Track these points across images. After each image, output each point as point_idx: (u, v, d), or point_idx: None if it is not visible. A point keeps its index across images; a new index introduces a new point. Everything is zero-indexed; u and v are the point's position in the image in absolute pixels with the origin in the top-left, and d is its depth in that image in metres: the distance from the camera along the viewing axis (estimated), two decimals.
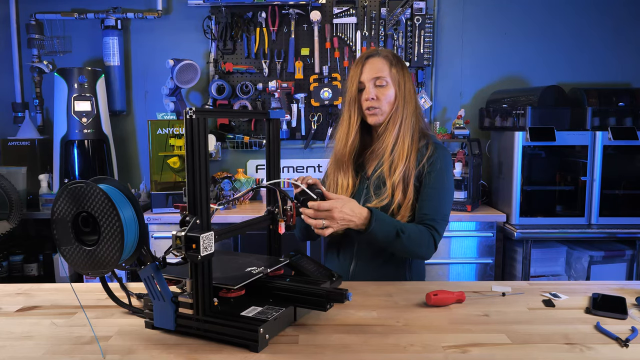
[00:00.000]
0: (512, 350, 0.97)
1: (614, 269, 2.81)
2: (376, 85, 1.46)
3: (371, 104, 1.45)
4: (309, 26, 3.17)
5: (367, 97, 1.46)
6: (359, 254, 1.49)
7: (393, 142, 1.45)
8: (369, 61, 1.48)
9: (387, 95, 1.46)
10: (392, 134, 1.45)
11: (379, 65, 1.46)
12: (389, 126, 1.47)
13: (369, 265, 1.48)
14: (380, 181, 1.46)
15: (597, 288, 1.32)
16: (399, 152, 1.44)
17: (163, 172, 2.76)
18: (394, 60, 1.48)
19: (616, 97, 2.92)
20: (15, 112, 3.23)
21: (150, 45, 3.26)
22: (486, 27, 3.24)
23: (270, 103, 3.20)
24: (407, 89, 1.48)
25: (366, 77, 1.46)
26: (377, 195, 1.45)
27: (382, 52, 1.49)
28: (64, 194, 0.93)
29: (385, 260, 1.47)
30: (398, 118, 1.46)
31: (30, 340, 1.02)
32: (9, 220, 2.69)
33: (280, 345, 0.98)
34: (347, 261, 1.51)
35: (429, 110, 3.27)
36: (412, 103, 1.49)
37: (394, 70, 1.47)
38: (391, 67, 1.47)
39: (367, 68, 1.47)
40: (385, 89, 1.46)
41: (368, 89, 1.46)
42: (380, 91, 1.46)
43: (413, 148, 1.45)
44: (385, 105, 1.46)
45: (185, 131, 0.96)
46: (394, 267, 1.48)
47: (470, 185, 2.80)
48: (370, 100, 1.45)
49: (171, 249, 0.96)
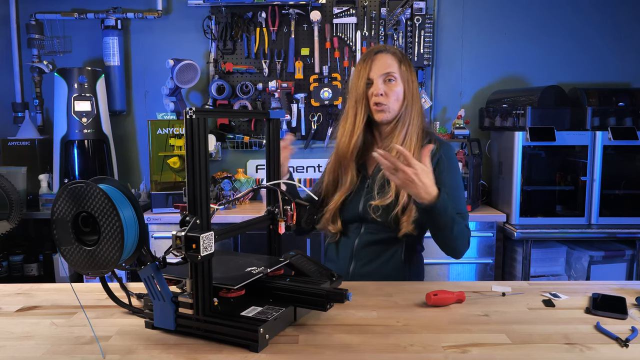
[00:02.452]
0: (512, 350, 0.97)
1: (614, 269, 2.81)
2: (385, 82, 1.43)
3: (380, 100, 1.42)
4: (309, 26, 3.17)
5: (376, 92, 1.42)
6: (358, 254, 1.49)
7: (401, 142, 1.43)
8: (378, 57, 1.44)
9: (395, 92, 1.43)
10: (401, 133, 1.43)
11: (389, 61, 1.43)
12: (398, 126, 1.44)
13: (368, 266, 1.47)
14: (385, 180, 1.43)
15: (597, 288, 1.32)
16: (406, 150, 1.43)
17: (163, 172, 2.76)
18: (402, 57, 1.46)
19: (616, 97, 2.92)
20: (15, 112, 3.23)
21: (150, 45, 3.26)
22: (486, 27, 3.24)
23: (270, 103, 3.20)
24: (414, 87, 1.46)
25: (375, 72, 1.43)
26: (380, 195, 1.42)
27: (390, 48, 1.47)
28: (64, 194, 0.93)
29: (384, 261, 1.47)
30: (407, 118, 1.44)
31: (30, 340, 1.02)
32: (9, 220, 2.69)
33: (280, 345, 0.98)
34: (347, 262, 1.50)
35: (429, 110, 3.27)
36: (418, 102, 1.47)
37: (404, 67, 1.44)
38: (400, 64, 1.44)
39: (377, 64, 1.43)
40: (394, 85, 1.43)
41: (377, 84, 1.42)
42: (389, 87, 1.43)
43: (418, 147, 1.43)
44: (394, 102, 1.43)
45: (185, 131, 0.96)
46: (393, 267, 1.47)
47: (470, 185, 2.80)
48: (379, 96, 1.42)
49: (171, 249, 0.96)
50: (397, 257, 1.46)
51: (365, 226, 1.48)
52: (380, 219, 1.42)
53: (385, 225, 1.43)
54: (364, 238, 1.48)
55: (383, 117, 1.44)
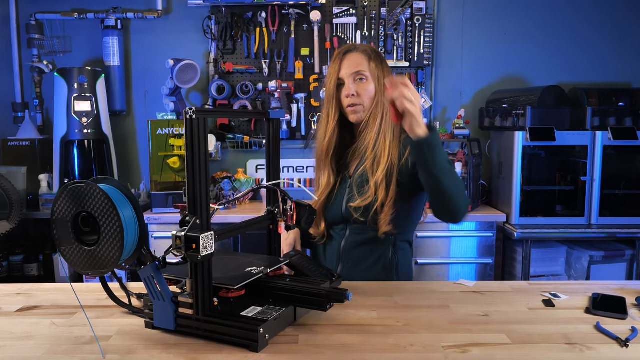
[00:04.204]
0: (512, 350, 0.97)
1: (614, 269, 2.81)
2: (355, 81, 1.43)
3: (352, 101, 1.42)
4: (309, 26, 3.17)
5: (347, 93, 1.42)
6: (345, 257, 1.48)
7: (375, 139, 1.42)
8: (347, 56, 1.44)
9: (367, 91, 1.43)
10: (374, 130, 1.42)
11: (358, 60, 1.43)
12: (370, 122, 1.44)
13: (356, 268, 1.46)
14: (364, 179, 1.43)
15: (597, 288, 1.31)
16: (381, 148, 1.41)
17: (163, 172, 2.76)
18: (372, 54, 1.45)
19: (616, 97, 2.92)
20: (15, 112, 3.23)
21: (150, 45, 3.26)
22: (486, 27, 3.24)
23: (270, 103, 3.20)
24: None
25: (345, 72, 1.43)
26: (361, 194, 1.42)
27: (360, 47, 1.46)
28: (64, 194, 0.93)
29: (372, 263, 1.45)
30: (378, 114, 1.43)
31: (30, 340, 1.02)
32: (9, 220, 2.69)
33: (280, 345, 0.98)
34: (334, 264, 1.49)
35: (429, 110, 3.27)
36: None
37: (373, 65, 1.43)
38: (370, 62, 1.43)
39: (346, 63, 1.43)
40: (365, 84, 1.43)
41: (348, 84, 1.43)
42: (360, 86, 1.43)
43: (395, 143, 1.42)
44: (367, 101, 1.43)
45: (185, 131, 0.96)
46: (381, 269, 1.45)
47: (470, 185, 2.80)
48: (351, 97, 1.42)
49: (171, 249, 0.96)
50: (384, 259, 1.45)
51: (350, 227, 1.47)
52: (362, 218, 1.41)
53: (369, 226, 1.42)
54: (349, 240, 1.47)
55: (357, 118, 1.45)
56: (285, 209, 1.23)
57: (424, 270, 2.76)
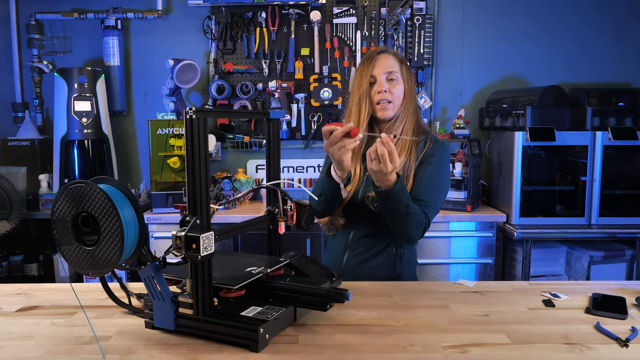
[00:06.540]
0: (512, 350, 0.97)
1: (614, 269, 2.81)
2: (387, 80, 1.50)
3: (384, 97, 1.49)
4: (309, 26, 3.17)
5: (379, 89, 1.49)
6: (352, 245, 1.54)
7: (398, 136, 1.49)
8: (381, 56, 1.52)
9: (398, 90, 1.51)
10: (398, 130, 1.51)
11: (390, 61, 1.51)
12: (397, 122, 1.52)
13: (362, 255, 1.52)
14: None
15: (597, 288, 1.32)
16: (402, 144, 1.48)
17: (163, 172, 2.76)
18: (402, 59, 1.56)
19: (616, 97, 2.92)
20: (15, 112, 3.23)
21: (150, 45, 3.26)
22: (486, 27, 3.24)
23: (270, 103, 3.19)
24: (412, 88, 1.55)
25: (378, 71, 1.50)
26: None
27: (391, 50, 1.57)
28: (64, 194, 0.93)
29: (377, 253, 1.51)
30: (405, 116, 1.52)
31: (30, 340, 1.02)
32: (9, 220, 2.69)
33: (280, 345, 0.98)
34: (342, 251, 1.55)
35: (429, 110, 3.28)
36: (415, 102, 1.56)
37: (404, 68, 1.54)
38: (401, 65, 1.53)
39: (379, 63, 1.51)
40: (397, 84, 1.51)
41: (380, 82, 1.50)
42: (392, 85, 1.50)
43: (413, 142, 1.50)
44: (397, 100, 1.51)
45: (185, 131, 0.96)
46: (385, 257, 1.51)
47: (470, 185, 2.80)
48: (383, 93, 1.49)
49: (171, 249, 0.96)
50: (389, 250, 1.51)
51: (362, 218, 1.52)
52: (377, 210, 1.45)
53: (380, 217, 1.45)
54: (360, 229, 1.53)
55: (385, 115, 1.51)
56: (285, 209, 1.24)
57: (424, 270, 2.76)
